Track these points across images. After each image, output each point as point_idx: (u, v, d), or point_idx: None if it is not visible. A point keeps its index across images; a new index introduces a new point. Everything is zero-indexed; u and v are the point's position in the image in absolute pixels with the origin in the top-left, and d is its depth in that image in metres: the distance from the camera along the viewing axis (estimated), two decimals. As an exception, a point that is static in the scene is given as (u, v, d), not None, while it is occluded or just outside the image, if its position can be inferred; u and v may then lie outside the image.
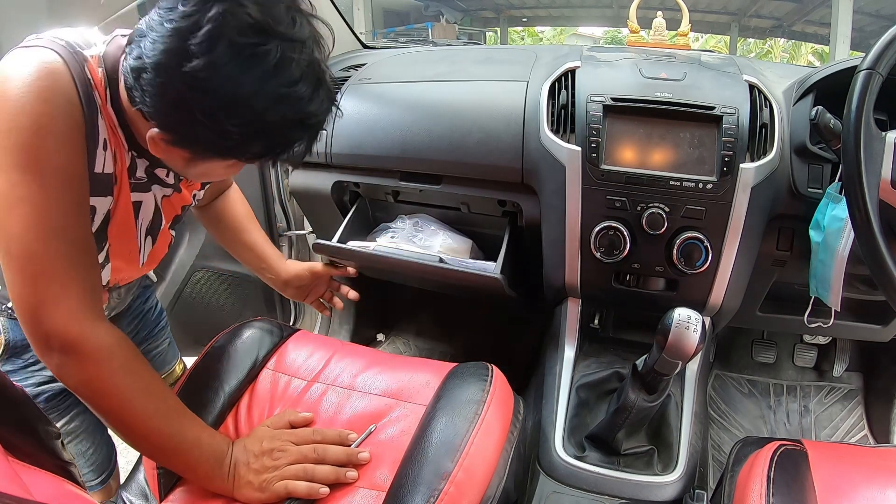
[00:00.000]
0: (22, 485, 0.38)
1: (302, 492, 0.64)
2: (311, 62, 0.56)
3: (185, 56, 0.51)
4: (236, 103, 0.53)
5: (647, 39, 1.11)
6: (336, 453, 0.67)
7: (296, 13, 0.56)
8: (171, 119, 0.56)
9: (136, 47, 0.55)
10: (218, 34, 0.51)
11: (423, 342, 1.57)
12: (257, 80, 0.53)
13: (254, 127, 0.55)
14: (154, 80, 0.53)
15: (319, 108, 0.58)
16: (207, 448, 0.64)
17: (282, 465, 0.65)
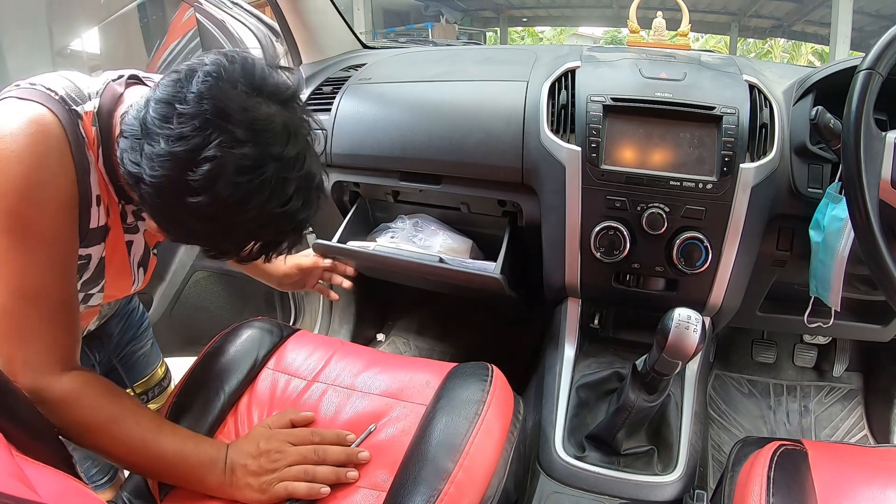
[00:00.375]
0: (26, 480, 0.38)
1: (303, 493, 0.64)
2: (304, 174, 0.58)
3: (186, 188, 0.52)
4: (233, 227, 0.56)
5: (647, 39, 1.11)
6: (336, 454, 0.67)
7: (290, 127, 0.57)
8: (170, 229, 0.59)
9: (133, 150, 0.55)
10: (217, 174, 0.52)
11: (423, 342, 1.57)
12: (255, 206, 0.55)
13: (248, 241, 0.59)
14: (155, 199, 0.55)
15: (308, 211, 0.60)
16: (193, 458, 0.64)
17: (281, 466, 0.65)
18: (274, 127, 0.55)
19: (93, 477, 0.86)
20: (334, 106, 1.07)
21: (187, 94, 0.53)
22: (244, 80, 0.55)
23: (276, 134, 0.55)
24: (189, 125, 0.52)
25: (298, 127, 0.58)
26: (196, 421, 0.74)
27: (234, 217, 0.55)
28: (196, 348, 0.86)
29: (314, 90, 1.15)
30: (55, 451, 0.53)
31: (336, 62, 1.26)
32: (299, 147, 0.57)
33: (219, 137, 0.52)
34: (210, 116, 0.52)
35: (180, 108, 0.52)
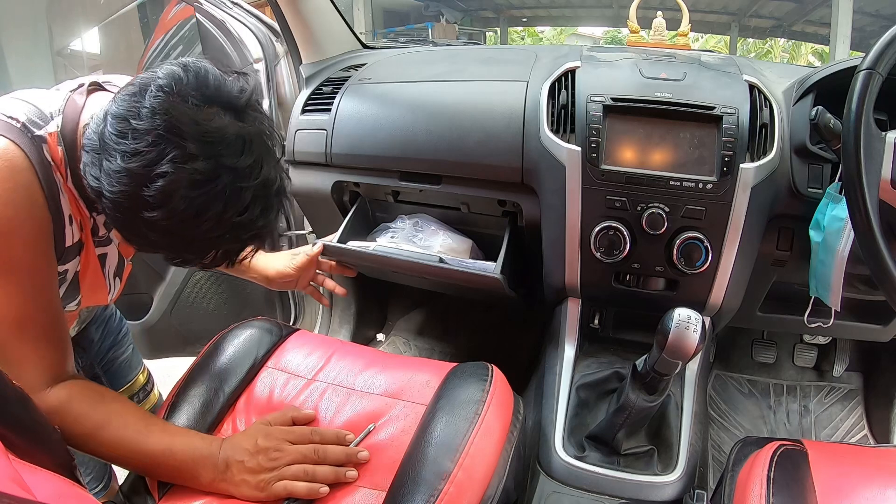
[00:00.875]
0: (23, 484, 0.38)
1: (302, 492, 0.64)
2: (261, 183, 0.58)
3: (142, 203, 0.54)
4: (193, 239, 0.58)
5: (647, 39, 1.11)
6: (336, 453, 0.67)
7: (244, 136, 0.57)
8: (132, 240, 0.60)
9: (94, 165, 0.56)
10: (171, 190, 0.53)
11: (423, 342, 1.57)
12: (211, 218, 0.56)
13: (209, 250, 0.60)
14: (115, 213, 0.57)
15: (268, 218, 0.61)
16: (183, 454, 0.64)
17: (280, 465, 0.65)
18: (227, 138, 0.56)
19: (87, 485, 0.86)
20: (334, 106, 1.07)
21: (141, 109, 0.54)
22: (196, 91, 0.55)
23: (228, 145, 0.56)
24: (143, 141, 0.53)
25: (254, 135, 0.58)
26: (195, 420, 0.74)
27: (191, 230, 0.56)
28: (196, 348, 0.86)
29: (314, 90, 1.15)
30: (55, 456, 0.53)
31: (336, 62, 1.26)
32: (255, 156, 0.58)
33: (171, 153, 0.53)
34: (163, 132, 0.53)
35: (135, 123, 0.53)
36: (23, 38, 2.51)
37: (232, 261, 0.64)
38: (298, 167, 1.15)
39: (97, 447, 0.63)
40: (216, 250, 0.61)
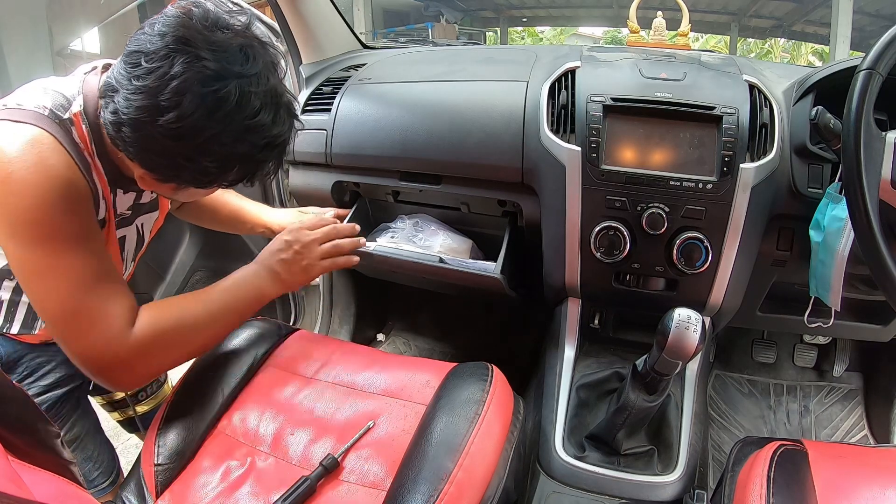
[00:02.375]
0: (22, 484, 0.38)
1: (342, 263, 0.83)
2: (269, 90, 0.63)
3: (158, 111, 0.57)
4: (209, 143, 0.60)
5: (647, 39, 1.11)
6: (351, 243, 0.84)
7: (248, 49, 0.62)
8: (154, 163, 0.63)
9: (110, 102, 0.60)
10: (183, 88, 0.57)
11: (423, 342, 1.57)
12: (223, 119, 0.59)
13: (227, 159, 0.63)
14: (133, 133, 0.59)
15: (282, 128, 0.65)
16: (242, 293, 0.75)
17: (312, 247, 0.79)
18: (232, 48, 0.60)
19: (95, 480, 0.87)
20: (334, 106, 1.07)
21: (152, 37, 0.58)
22: (201, 17, 0.60)
23: (234, 54, 0.60)
24: (155, 59, 0.57)
25: (258, 50, 0.62)
26: (195, 419, 0.74)
27: (205, 131, 0.59)
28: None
29: (314, 90, 1.15)
30: (54, 456, 0.53)
31: (336, 62, 1.26)
32: (259, 66, 0.62)
33: (182, 58, 0.57)
34: (173, 45, 0.57)
35: (147, 48, 0.58)
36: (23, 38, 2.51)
37: (253, 177, 0.67)
38: (298, 167, 1.15)
39: (188, 347, 0.71)
40: (236, 163, 0.64)
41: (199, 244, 1.40)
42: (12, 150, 0.60)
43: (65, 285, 0.63)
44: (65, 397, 0.82)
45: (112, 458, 0.91)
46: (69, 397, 0.83)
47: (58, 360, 0.81)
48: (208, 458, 0.72)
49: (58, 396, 0.81)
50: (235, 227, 1.03)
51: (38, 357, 0.79)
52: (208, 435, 0.75)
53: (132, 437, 1.42)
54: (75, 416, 0.84)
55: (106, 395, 0.99)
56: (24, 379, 0.78)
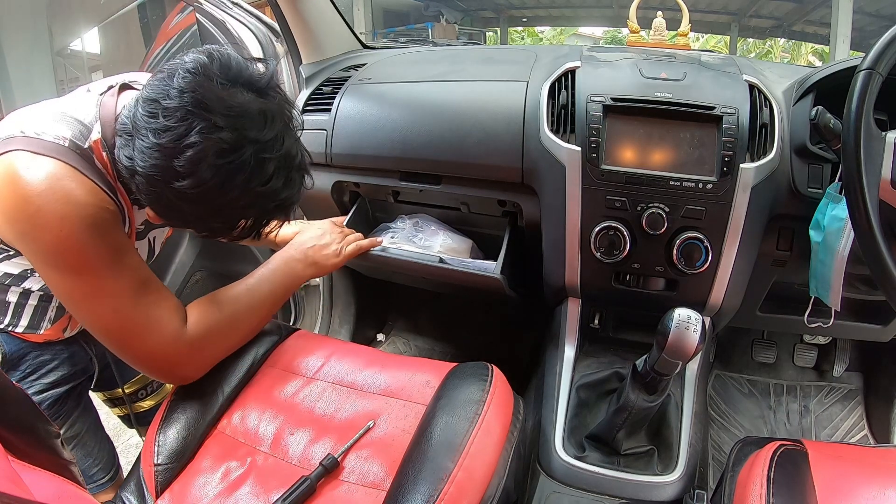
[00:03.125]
0: (22, 484, 0.38)
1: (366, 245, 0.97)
2: (283, 155, 0.64)
3: (173, 174, 0.58)
4: (220, 208, 0.62)
5: (647, 39, 1.11)
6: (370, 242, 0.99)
7: (266, 112, 0.62)
8: (164, 214, 0.65)
9: (127, 147, 0.61)
10: (199, 158, 0.58)
11: (423, 342, 1.57)
12: (237, 186, 0.61)
13: (237, 220, 0.65)
14: (147, 187, 0.61)
15: (293, 190, 0.67)
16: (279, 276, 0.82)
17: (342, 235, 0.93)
18: (250, 112, 0.60)
19: (94, 476, 0.88)
20: (334, 106, 1.07)
21: (170, 90, 0.58)
22: (221, 73, 0.60)
23: (252, 119, 0.60)
24: (173, 118, 0.57)
25: (275, 112, 0.63)
26: (195, 419, 0.74)
27: (218, 198, 0.60)
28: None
29: (314, 90, 1.15)
30: (54, 456, 0.53)
31: (336, 62, 1.26)
32: (276, 130, 0.62)
33: (199, 125, 0.57)
34: (191, 108, 0.57)
35: (164, 103, 0.58)
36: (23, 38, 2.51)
37: (259, 233, 0.70)
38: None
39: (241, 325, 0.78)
40: (243, 221, 0.66)
41: (199, 245, 1.40)
42: (37, 184, 0.60)
43: (111, 304, 0.66)
44: (67, 394, 0.83)
45: (112, 455, 0.92)
46: (71, 394, 0.84)
47: (61, 357, 0.82)
48: (208, 458, 0.72)
49: (60, 394, 0.82)
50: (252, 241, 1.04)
51: (41, 355, 0.80)
52: (208, 435, 0.75)
53: (132, 437, 1.43)
54: (77, 414, 0.85)
55: (108, 391, 1.00)
56: (28, 376, 0.79)
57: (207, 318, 0.73)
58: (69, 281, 0.65)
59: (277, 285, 0.81)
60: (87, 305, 0.66)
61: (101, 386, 0.96)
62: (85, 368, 0.86)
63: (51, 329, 0.79)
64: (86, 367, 0.87)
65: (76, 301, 0.66)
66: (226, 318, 0.75)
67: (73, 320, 0.82)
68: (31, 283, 0.74)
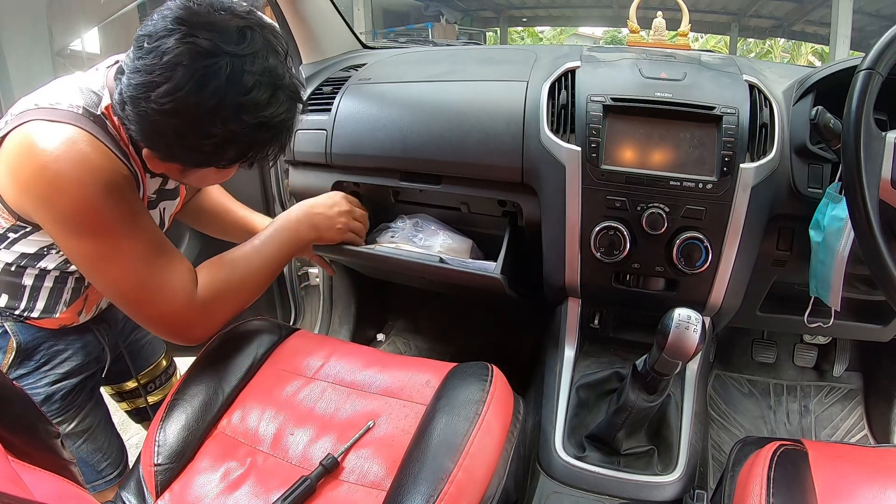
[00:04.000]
0: (22, 484, 0.38)
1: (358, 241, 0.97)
2: (265, 70, 0.63)
3: (151, 87, 0.59)
4: (201, 120, 0.61)
5: (647, 39, 1.11)
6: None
7: (247, 30, 0.63)
8: (153, 141, 0.64)
9: (118, 83, 0.63)
10: (175, 63, 0.59)
11: (423, 342, 1.57)
12: (214, 94, 0.60)
13: (221, 137, 0.63)
14: (133, 111, 0.62)
15: (278, 109, 0.65)
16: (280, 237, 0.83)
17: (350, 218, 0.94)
18: (228, 28, 0.61)
19: (103, 471, 0.88)
20: (334, 106, 1.07)
21: (155, 22, 0.61)
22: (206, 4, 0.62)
23: (230, 33, 0.61)
24: (155, 40, 0.59)
25: (255, 29, 0.63)
26: (195, 419, 0.74)
27: (196, 107, 0.60)
28: (196, 347, 0.86)
29: (314, 90, 1.15)
30: (54, 456, 0.53)
31: (336, 62, 1.26)
32: (255, 47, 0.62)
33: (177, 35, 0.59)
34: (171, 26, 0.59)
35: (149, 32, 0.60)
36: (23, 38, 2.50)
37: (251, 159, 0.68)
38: (298, 167, 1.15)
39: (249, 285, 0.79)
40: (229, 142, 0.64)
41: (199, 245, 1.40)
42: (54, 150, 0.62)
43: (127, 266, 0.68)
44: (80, 386, 0.84)
45: (121, 450, 0.93)
46: (84, 386, 0.85)
47: (74, 348, 0.83)
48: (208, 458, 0.72)
49: (73, 385, 0.83)
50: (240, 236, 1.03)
51: (55, 345, 0.81)
52: (208, 435, 0.75)
53: (133, 437, 1.42)
54: (89, 406, 0.86)
55: (117, 384, 1.00)
56: (42, 366, 0.80)
57: (217, 279, 0.75)
58: (87, 244, 0.66)
59: (283, 245, 0.83)
60: (103, 268, 0.68)
61: (111, 379, 0.97)
62: (98, 358, 0.88)
63: (66, 312, 0.80)
64: (98, 357, 0.88)
65: (93, 264, 0.68)
66: (235, 279, 0.77)
67: (87, 303, 0.83)
68: (47, 262, 0.75)
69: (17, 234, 0.72)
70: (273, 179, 1.31)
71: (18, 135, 0.64)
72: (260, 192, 1.31)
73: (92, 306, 0.84)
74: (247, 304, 0.81)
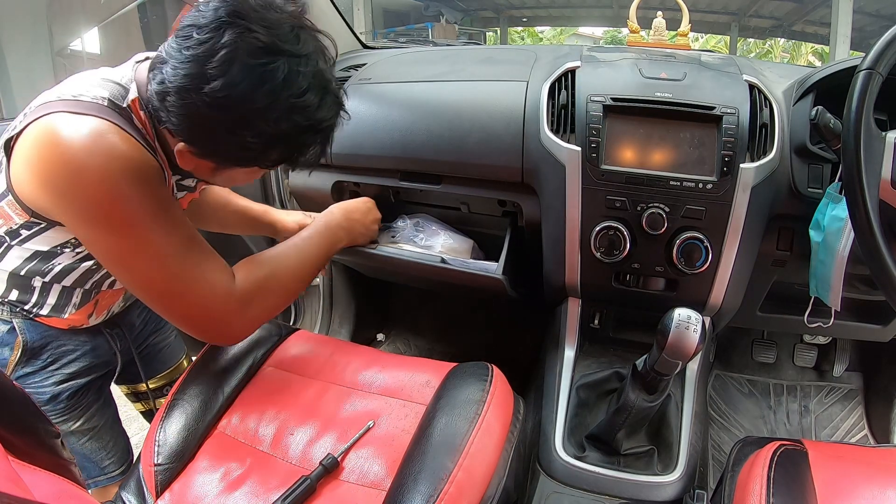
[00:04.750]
0: (22, 484, 0.38)
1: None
2: (316, 73, 0.63)
3: (204, 79, 0.57)
4: (253, 117, 0.60)
5: (647, 39, 1.11)
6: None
7: (300, 31, 0.63)
8: (195, 135, 0.63)
9: (158, 73, 0.61)
10: (232, 58, 0.57)
11: (423, 342, 1.57)
12: (269, 94, 0.59)
13: (270, 137, 0.62)
14: (178, 101, 0.59)
15: (328, 113, 0.65)
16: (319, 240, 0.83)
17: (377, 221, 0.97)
18: (283, 28, 0.61)
19: (106, 468, 0.87)
20: (334, 106, 1.07)
21: (205, 12, 0.59)
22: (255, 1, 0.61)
23: (285, 32, 0.61)
24: (206, 31, 0.58)
25: (308, 31, 0.64)
26: (194, 419, 0.74)
27: (250, 104, 0.59)
28: (196, 347, 0.86)
29: (314, 90, 1.15)
30: (54, 456, 0.53)
31: (336, 62, 1.25)
32: (309, 49, 0.63)
33: (234, 30, 0.57)
34: (225, 18, 0.58)
35: (198, 22, 0.58)
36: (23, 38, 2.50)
37: (294, 161, 0.68)
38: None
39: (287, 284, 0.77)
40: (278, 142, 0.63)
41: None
42: (80, 141, 0.60)
43: (159, 260, 0.65)
44: (88, 386, 0.83)
45: (126, 449, 0.92)
46: (92, 387, 0.83)
47: (84, 349, 0.81)
48: (208, 458, 0.72)
49: (81, 385, 0.81)
50: (240, 226, 1.03)
51: (63, 345, 0.79)
52: (208, 435, 0.75)
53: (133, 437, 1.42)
54: (96, 406, 0.85)
55: (131, 384, 0.99)
56: (49, 366, 0.78)
57: (255, 275, 0.73)
58: (114, 239, 0.64)
59: (321, 247, 0.83)
60: (132, 263, 0.65)
61: (126, 380, 0.96)
62: (107, 362, 0.86)
63: (76, 314, 0.78)
64: (108, 361, 0.86)
65: (121, 259, 0.65)
66: (274, 276, 0.75)
67: (98, 306, 0.81)
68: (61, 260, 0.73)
69: (31, 230, 0.69)
70: (273, 179, 1.31)
71: (40, 127, 0.61)
72: (260, 192, 1.31)
73: (103, 310, 0.83)
74: (286, 303, 0.79)
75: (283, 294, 0.78)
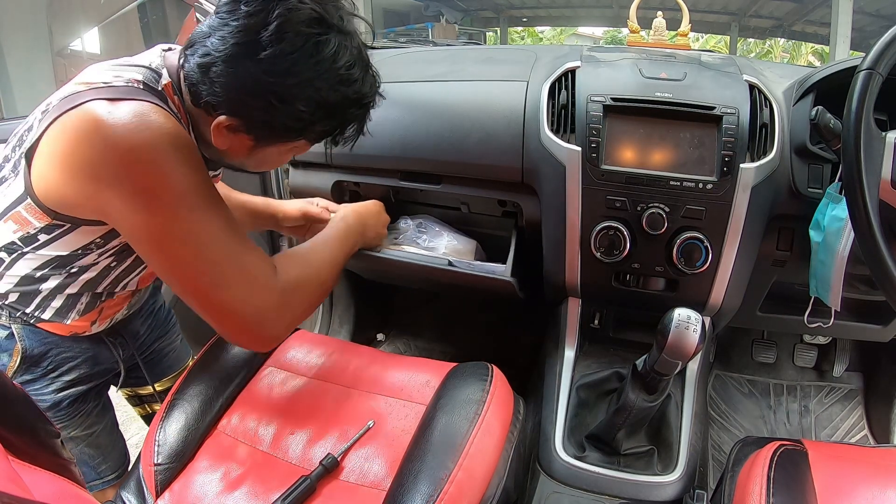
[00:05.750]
0: (22, 484, 0.38)
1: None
2: (360, 50, 0.66)
3: (259, 46, 0.58)
4: (304, 85, 0.61)
5: (647, 39, 1.11)
6: None
7: (343, 11, 0.65)
8: (244, 105, 0.62)
9: (200, 47, 0.61)
10: (286, 27, 0.58)
11: (423, 342, 1.57)
12: (320, 64, 0.61)
13: (319, 106, 0.63)
14: (226, 70, 0.60)
15: (370, 89, 0.68)
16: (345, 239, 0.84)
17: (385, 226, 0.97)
18: (329, 5, 0.62)
19: (102, 472, 0.87)
20: (334, 106, 1.07)
21: None
22: None
23: (332, 11, 0.62)
24: (256, 4, 0.58)
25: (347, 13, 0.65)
26: (194, 419, 0.75)
27: (302, 72, 0.60)
28: (197, 347, 0.86)
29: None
30: (54, 456, 0.53)
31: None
32: (352, 27, 0.65)
33: (284, 3, 0.58)
34: None
35: None
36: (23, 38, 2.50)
37: (336, 135, 0.70)
38: (299, 167, 1.15)
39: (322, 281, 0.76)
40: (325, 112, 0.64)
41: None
42: (125, 125, 0.58)
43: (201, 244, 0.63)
44: (87, 394, 0.81)
45: (122, 454, 0.91)
46: (90, 394, 0.82)
47: (85, 356, 0.80)
48: (208, 458, 0.72)
49: (80, 393, 0.80)
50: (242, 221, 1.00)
51: (64, 352, 0.77)
52: (208, 435, 0.75)
53: (133, 437, 1.42)
54: (95, 413, 0.84)
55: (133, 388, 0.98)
56: (49, 373, 0.77)
57: (294, 268, 0.72)
58: (159, 221, 0.61)
59: (345, 247, 0.84)
60: (174, 249, 0.63)
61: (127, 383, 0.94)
62: (109, 369, 0.84)
63: (79, 320, 0.76)
64: (110, 368, 0.84)
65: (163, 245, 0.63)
66: (312, 269, 0.75)
67: (102, 313, 0.79)
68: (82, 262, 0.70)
69: (51, 234, 0.66)
70: (273, 178, 1.31)
71: (77, 117, 0.59)
72: (260, 192, 1.31)
73: (106, 318, 0.80)
74: (319, 302, 0.78)
75: (321, 289, 0.76)
